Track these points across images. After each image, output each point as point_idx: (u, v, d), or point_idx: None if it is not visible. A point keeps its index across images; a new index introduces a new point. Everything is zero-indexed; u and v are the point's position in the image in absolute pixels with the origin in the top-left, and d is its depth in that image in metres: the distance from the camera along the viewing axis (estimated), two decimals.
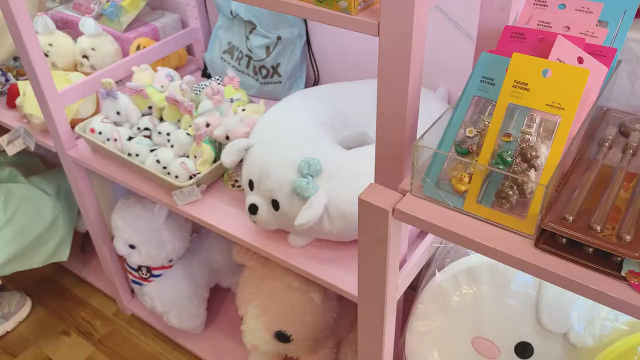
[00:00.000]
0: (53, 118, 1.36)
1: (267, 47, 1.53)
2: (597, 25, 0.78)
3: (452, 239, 0.66)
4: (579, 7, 0.79)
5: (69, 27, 1.79)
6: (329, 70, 1.57)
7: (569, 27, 0.78)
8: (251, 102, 1.44)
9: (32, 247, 1.59)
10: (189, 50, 1.80)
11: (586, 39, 0.75)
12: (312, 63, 1.58)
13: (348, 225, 1.06)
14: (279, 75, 1.56)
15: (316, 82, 1.61)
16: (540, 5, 0.81)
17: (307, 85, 1.60)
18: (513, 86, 0.63)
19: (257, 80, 1.58)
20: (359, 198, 0.70)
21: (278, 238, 1.16)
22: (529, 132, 0.62)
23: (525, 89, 0.62)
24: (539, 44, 0.74)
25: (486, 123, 0.66)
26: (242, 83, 1.51)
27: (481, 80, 0.68)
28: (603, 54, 0.73)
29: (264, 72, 1.56)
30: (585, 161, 0.71)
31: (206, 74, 1.71)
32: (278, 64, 1.54)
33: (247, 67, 1.58)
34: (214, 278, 1.68)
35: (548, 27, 0.79)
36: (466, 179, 0.65)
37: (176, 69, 1.75)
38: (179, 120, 1.35)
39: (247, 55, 1.57)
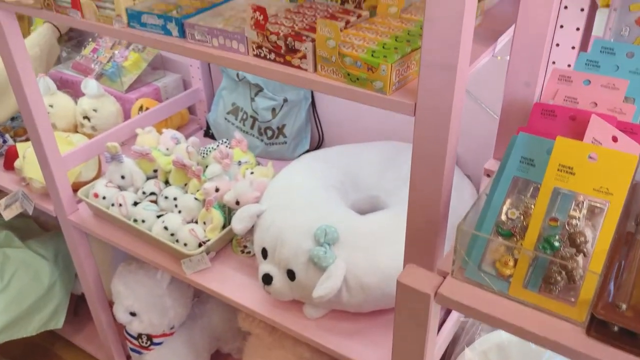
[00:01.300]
0: (55, 182, 1.32)
1: (273, 109, 1.52)
2: (623, 101, 0.78)
3: (499, 325, 0.63)
4: (604, 84, 0.79)
5: (68, 87, 1.78)
6: (334, 131, 1.57)
7: (596, 104, 0.79)
8: (258, 164, 1.42)
9: (28, 314, 1.53)
10: (191, 109, 1.80)
11: (615, 116, 0.75)
12: (317, 124, 1.58)
13: (367, 297, 1.03)
14: (285, 136, 1.55)
15: (321, 143, 1.60)
16: (565, 80, 0.82)
17: (311, 146, 1.60)
18: (558, 170, 0.62)
19: (262, 141, 1.57)
20: (397, 281, 0.68)
21: (291, 308, 1.12)
22: (577, 217, 0.61)
23: (571, 173, 0.61)
24: (571, 121, 0.74)
25: (528, 205, 0.65)
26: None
27: (520, 161, 0.67)
28: (634, 132, 0.73)
29: (269, 133, 1.56)
30: (625, 239, 0.70)
31: (209, 134, 1.70)
32: (284, 125, 1.54)
33: (252, 127, 1.57)
34: (215, 344, 1.62)
35: (575, 102, 0.80)
36: (511, 263, 0.64)
37: (178, 128, 1.73)
38: (185, 184, 1.33)
39: (251, 116, 1.56)
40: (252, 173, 1.33)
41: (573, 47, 1.02)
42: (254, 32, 0.79)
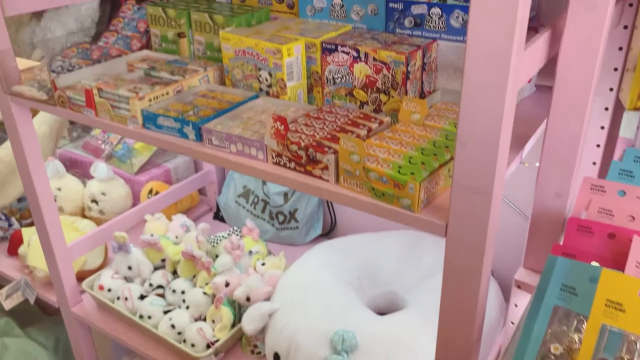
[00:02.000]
0: (59, 273, 1.27)
1: (285, 194, 1.49)
2: None
3: None
4: None
5: (77, 167, 1.76)
6: (347, 215, 1.53)
7: (633, 217, 0.74)
8: (270, 252, 1.37)
9: None
10: (201, 190, 1.77)
11: None
12: (329, 208, 1.54)
13: None
14: (296, 221, 1.51)
15: (333, 227, 1.56)
16: (599, 190, 0.78)
17: (324, 230, 1.56)
18: (605, 305, 0.57)
19: (273, 225, 1.53)
20: None
21: None
22: None
23: (620, 310, 0.57)
24: (610, 240, 0.70)
25: (573, 339, 0.60)
26: (257, 227, 1.45)
27: (561, 289, 0.62)
28: None
29: (281, 217, 1.52)
30: None
31: (219, 217, 1.66)
32: (295, 210, 1.50)
33: (263, 211, 1.54)
34: None
35: (610, 215, 0.76)
36: None
37: (187, 210, 1.70)
38: (194, 276, 1.28)
39: (263, 200, 1.53)
40: (263, 264, 1.28)
41: (598, 145, 0.99)
42: (274, 141, 0.77)
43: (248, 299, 1.17)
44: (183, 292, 1.23)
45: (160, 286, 1.26)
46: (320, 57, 0.93)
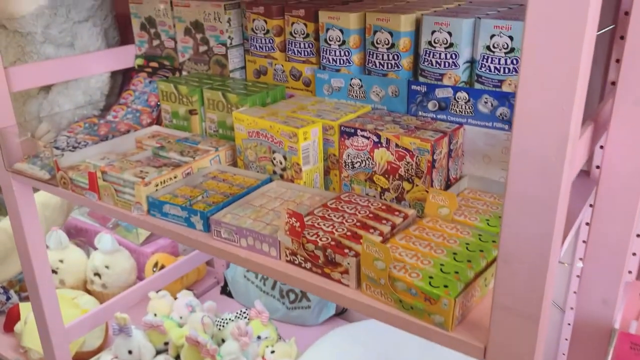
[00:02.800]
0: (55, 357, 1.19)
1: None
2: None
3: None
4: None
5: (82, 235, 1.70)
6: None
7: None
8: (280, 337, 1.28)
9: None
10: (209, 261, 1.69)
11: None
12: None
13: None
14: (308, 300, 1.43)
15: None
16: None
17: (337, 310, 1.46)
18: None
19: (283, 304, 1.44)
20: None
21: None
22: None
23: None
24: None
25: None
26: (266, 306, 1.36)
27: None
28: None
29: (292, 296, 1.43)
30: None
31: (226, 291, 1.58)
32: None
33: (273, 288, 1.46)
34: None
35: None
36: None
37: (194, 283, 1.62)
38: None
39: None
40: (272, 352, 1.19)
41: (638, 235, 0.92)
42: (289, 238, 0.70)
43: None
44: None
45: None
46: (339, 141, 0.87)
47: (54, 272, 1.45)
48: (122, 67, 1.21)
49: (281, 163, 0.88)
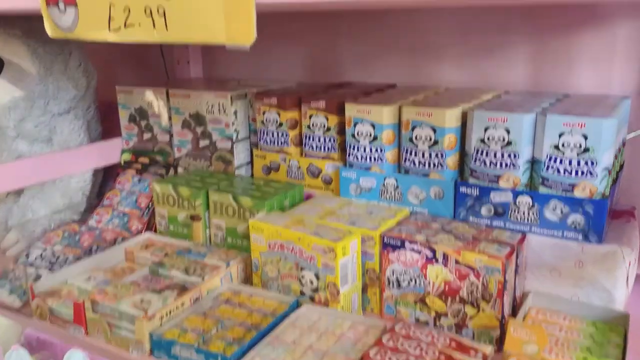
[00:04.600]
0: None
1: None
2: None
3: None
4: None
5: (46, 349, 1.47)
6: None
7: None
8: None
9: None
10: None
11: None
12: None
13: None
14: None
15: None
16: None
17: None
18: None
19: None
20: None
21: None
22: None
23: None
24: None
25: None
26: None
27: None
28: None
29: None
30: None
31: None
32: None
33: None
34: None
35: None
36: None
37: None
38: None
39: None
40: None
41: None
42: None
43: None
44: None
45: None
46: (380, 254, 0.74)
47: None
48: (107, 164, 1.06)
49: (312, 283, 0.74)
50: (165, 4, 0.53)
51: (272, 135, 0.93)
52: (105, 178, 1.13)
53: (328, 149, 0.89)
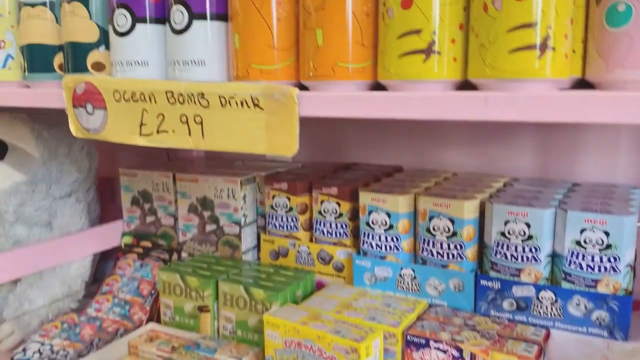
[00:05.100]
0: None
1: None
2: None
3: None
4: None
5: None
6: None
7: None
8: None
9: None
10: None
11: None
12: None
13: None
14: None
15: None
16: None
17: None
18: None
19: None
20: None
21: None
22: None
23: None
24: None
25: None
26: None
27: None
28: None
29: None
30: None
31: None
32: None
33: None
34: None
35: None
36: None
37: None
38: None
39: None
40: None
41: None
42: None
43: None
44: None
45: None
46: (403, 351, 0.72)
47: None
48: (107, 248, 1.02)
49: None
50: (204, 113, 0.53)
51: (282, 220, 0.92)
52: (101, 261, 1.09)
53: (340, 234, 0.88)
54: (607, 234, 0.68)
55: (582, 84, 0.49)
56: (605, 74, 0.45)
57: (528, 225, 0.72)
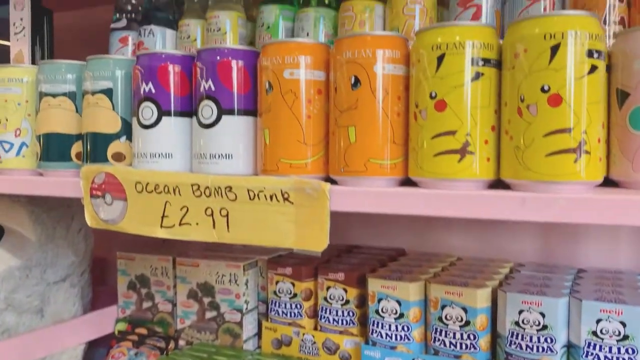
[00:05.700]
0: None
1: None
2: None
3: None
4: None
5: None
6: None
7: None
8: None
9: None
10: None
11: None
12: None
13: None
14: None
15: None
16: None
17: None
18: None
19: None
20: None
21: None
22: None
23: None
24: None
25: None
26: None
27: None
28: None
29: None
30: None
31: None
32: None
33: None
34: None
35: None
36: None
37: None
38: None
39: None
40: None
41: None
42: None
43: None
44: None
45: None
46: None
47: None
48: (100, 335, 0.98)
49: None
50: (230, 206, 0.52)
51: (285, 307, 0.90)
52: (91, 347, 1.03)
53: (346, 322, 0.86)
54: (623, 324, 0.68)
55: (605, 181, 0.51)
56: (632, 175, 0.46)
57: (542, 315, 0.72)
